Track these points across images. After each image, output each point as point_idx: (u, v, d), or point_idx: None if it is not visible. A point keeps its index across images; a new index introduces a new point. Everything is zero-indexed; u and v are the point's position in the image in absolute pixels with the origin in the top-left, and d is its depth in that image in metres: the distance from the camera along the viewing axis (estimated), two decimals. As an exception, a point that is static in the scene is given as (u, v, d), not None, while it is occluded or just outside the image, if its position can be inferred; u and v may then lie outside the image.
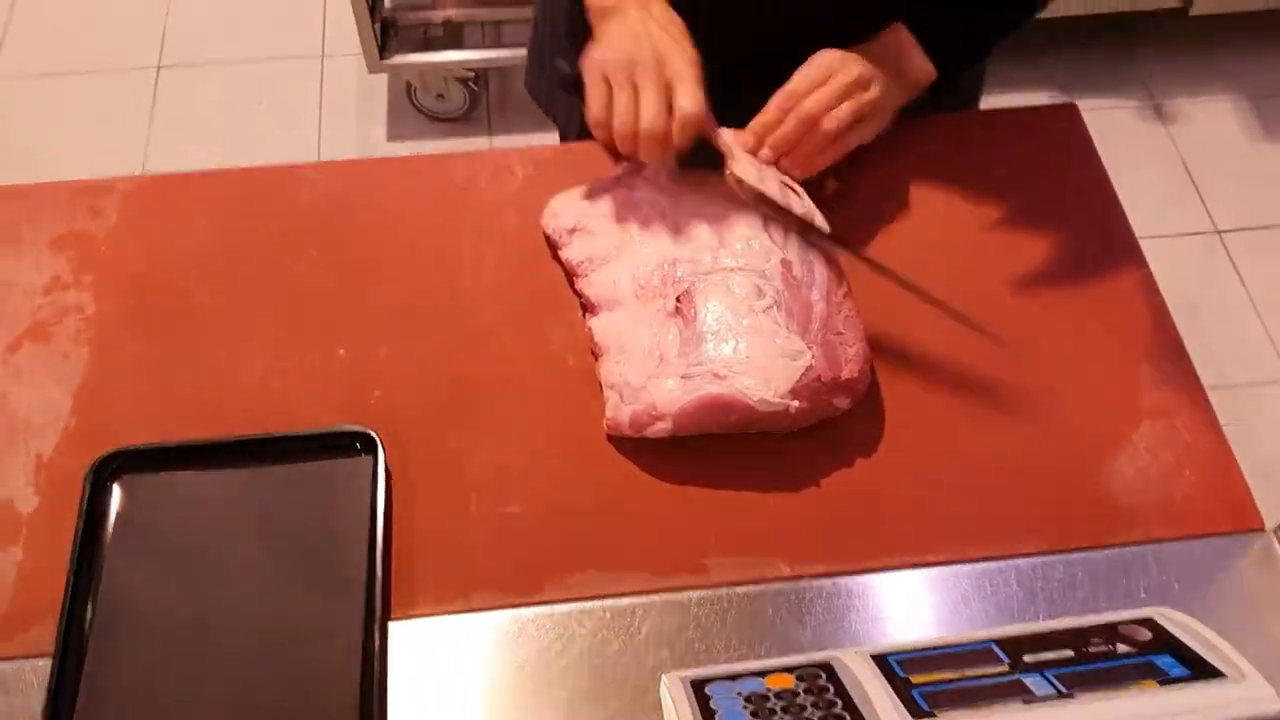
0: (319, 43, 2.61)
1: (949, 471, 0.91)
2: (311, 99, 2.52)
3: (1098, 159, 1.09)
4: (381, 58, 2.29)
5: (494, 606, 0.85)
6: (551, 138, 2.30)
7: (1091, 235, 1.04)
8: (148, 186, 1.09)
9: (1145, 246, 1.04)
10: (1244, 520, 0.89)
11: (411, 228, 1.05)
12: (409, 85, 2.43)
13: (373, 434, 0.90)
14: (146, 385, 0.96)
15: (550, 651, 0.83)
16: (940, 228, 1.05)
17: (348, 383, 0.95)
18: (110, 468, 0.89)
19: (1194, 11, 2.39)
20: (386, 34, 2.33)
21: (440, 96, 2.42)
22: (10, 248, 1.04)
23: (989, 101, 2.27)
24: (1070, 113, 1.13)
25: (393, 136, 2.46)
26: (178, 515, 0.89)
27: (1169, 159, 2.38)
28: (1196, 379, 0.96)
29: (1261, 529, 0.88)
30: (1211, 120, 2.45)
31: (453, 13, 2.40)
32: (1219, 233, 2.27)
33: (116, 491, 0.89)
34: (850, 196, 1.06)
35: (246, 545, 0.87)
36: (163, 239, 1.04)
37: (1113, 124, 2.38)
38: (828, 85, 0.99)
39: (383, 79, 2.50)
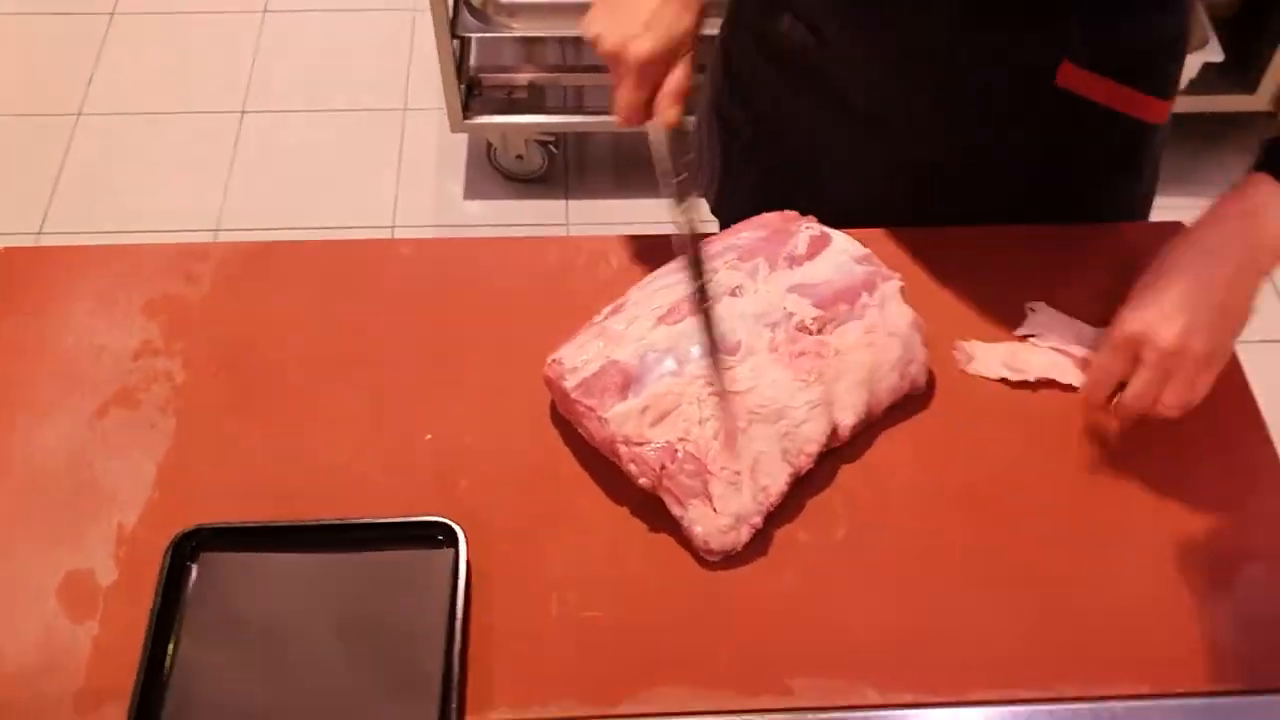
0: (403, 97, 2.63)
1: (1043, 605, 0.88)
2: (391, 152, 2.54)
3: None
4: (465, 117, 2.30)
5: (573, 716, 0.83)
6: (624, 206, 2.30)
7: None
8: (243, 253, 1.09)
9: (1245, 351, 1.00)
10: (1355, 676, 0.85)
11: (504, 311, 1.04)
12: (489, 145, 2.44)
13: (455, 526, 0.88)
14: (231, 460, 0.95)
15: (627, 768, 0.81)
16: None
17: (432, 470, 0.94)
18: (190, 545, 0.88)
19: (1285, 113, 2.36)
20: (471, 93, 2.34)
21: (519, 157, 2.43)
22: (104, 309, 1.04)
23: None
24: (1177, 230, 1.11)
25: (470, 194, 2.47)
26: (255, 597, 0.87)
27: (1254, 260, 2.33)
28: (1305, 518, 0.93)
29: (1375, 686, 0.85)
30: (1298, 224, 2.40)
31: (536, 75, 2.41)
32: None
33: (195, 570, 0.88)
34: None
35: (323, 633, 0.86)
36: (255, 308, 1.04)
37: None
38: (1144, 368, 0.88)
39: (463, 137, 2.52)
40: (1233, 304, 0.89)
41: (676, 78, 0.97)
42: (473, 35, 2.30)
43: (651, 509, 0.92)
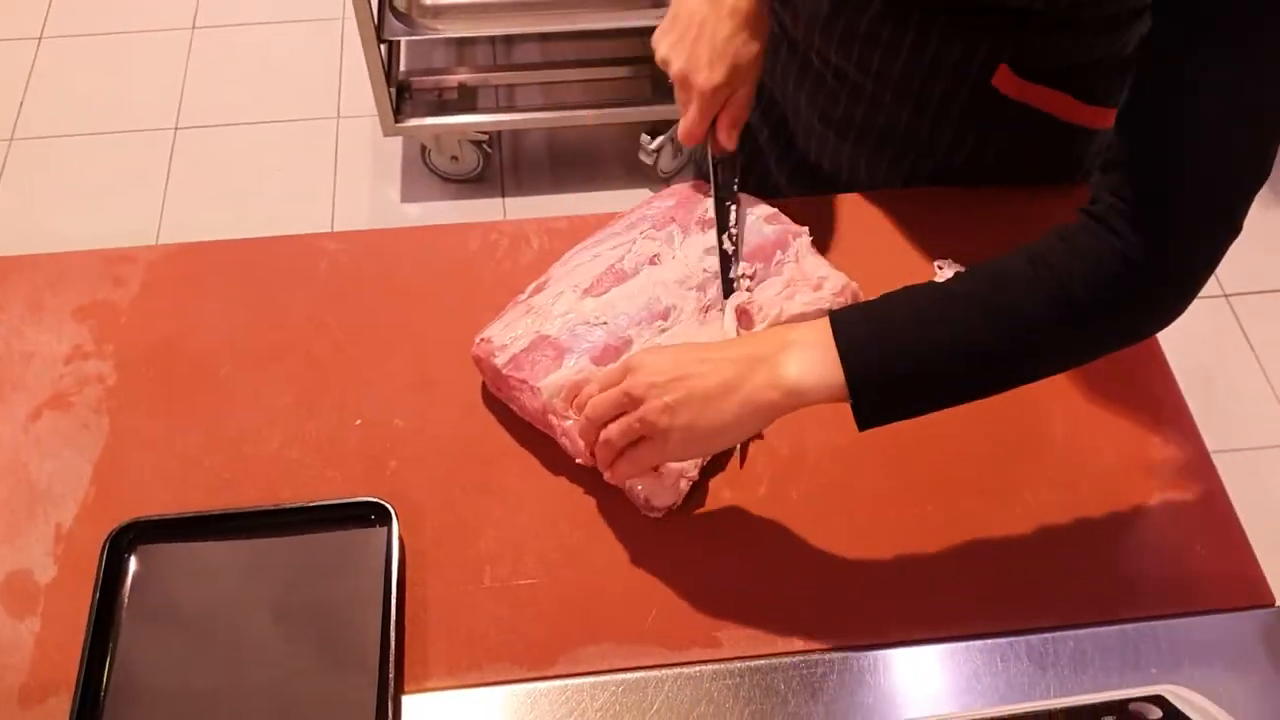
0: (334, 105, 2.64)
1: (959, 547, 0.91)
2: (327, 160, 2.55)
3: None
4: (396, 120, 2.32)
5: (507, 680, 0.85)
6: (561, 201, 2.32)
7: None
8: (170, 256, 1.11)
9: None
10: (1255, 596, 0.89)
11: (429, 297, 1.07)
12: (423, 147, 2.46)
13: (387, 505, 0.90)
14: (165, 455, 0.97)
15: (563, 726, 0.83)
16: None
17: (364, 454, 0.96)
18: (127, 538, 0.90)
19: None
20: (401, 97, 2.35)
21: (454, 158, 2.44)
22: (33, 316, 1.05)
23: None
24: (1075, 189, 1.15)
25: (407, 198, 2.48)
26: (193, 586, 0.89)
27: (1176, 222, 2.39)
28: (1206, 452, 0.97)
29: (1273, 604, 0.88)
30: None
31: (467, 77, 2.43)
32: (1226, 296, 2.28)
33: (133, 562, 0.90)
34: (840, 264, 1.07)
35: (261, 616, 0.88)
36: (184, 309, 1.06)
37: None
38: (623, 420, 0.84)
39: (397, 141, 2.53)
40: (718, 419, 0.82)
41: (738, 105, 0.99)
42: (400, 39, 2.31)
43: (578, 479, 0.94)
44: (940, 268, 1.07)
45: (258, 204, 2.48)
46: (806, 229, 1.03)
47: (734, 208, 1.01)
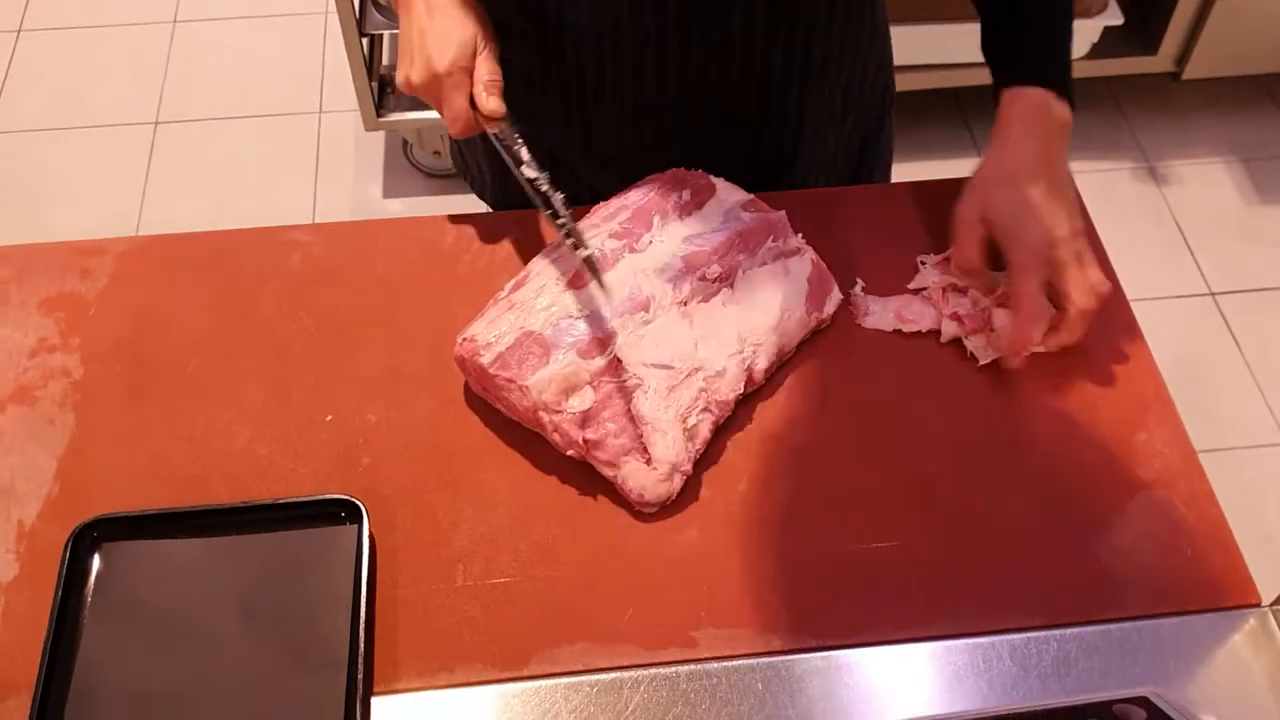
0: (317, 100, 2.62)
1: (941, 546, 0.90)
2: (308, 155, 2.53)
3: (1089, 223, 1.09)
4: (378, 115, 2.30)
5: (479, 681, 0.83)
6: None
7: (1085, 304, 1.04)
8: (140, 248, 1.09)
9: (1139, 309, 1.03)
10: (1241, 595, 0.87)
11: (402, 292, 1.05)
12: (405, 142, 2.44)
13: (358, 503, 0.89)
14: (132, 451, 0.95)
15: (536, 728, 0.82)
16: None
17: (335, 449, 0.95)
18: (90, 535, 0.88)
19: (1185, 75, 2.41)
20: (383, 91, 2.34)
21: (436, 153, 2.42)
22: (-1, 309, 1.03)
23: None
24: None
25: (389, 193, 2.47)
26: (159, 584, 0.87)
27: (1163, 221, 2.38)
28: (1192, 450, 0.95)
29: (1259, 604, 0.87)
30: (1205, 182, 2.46)
31: (450, 71, 2.42)
32: (1213, 294, 2.27)
33: (96, 560, 0.88)
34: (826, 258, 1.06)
35: (228, 616, 0.86)
36: (153, 302, 1.04)
37: (1107, 186, 2.38)
38: (1053, 276, 0.98)
39: (379, 136, 2.51)
40: (1070, 193, 1.00)
41: (480, 72, 0.99)
42: (382, 32, 2.29)
43: (554, 476, 0.93)
44: (923, 263, 1.05)
45: (238, 199, 2.46)
46: (783, 213, 1.02)
47: (522, 149, 0.99)
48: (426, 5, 0.99)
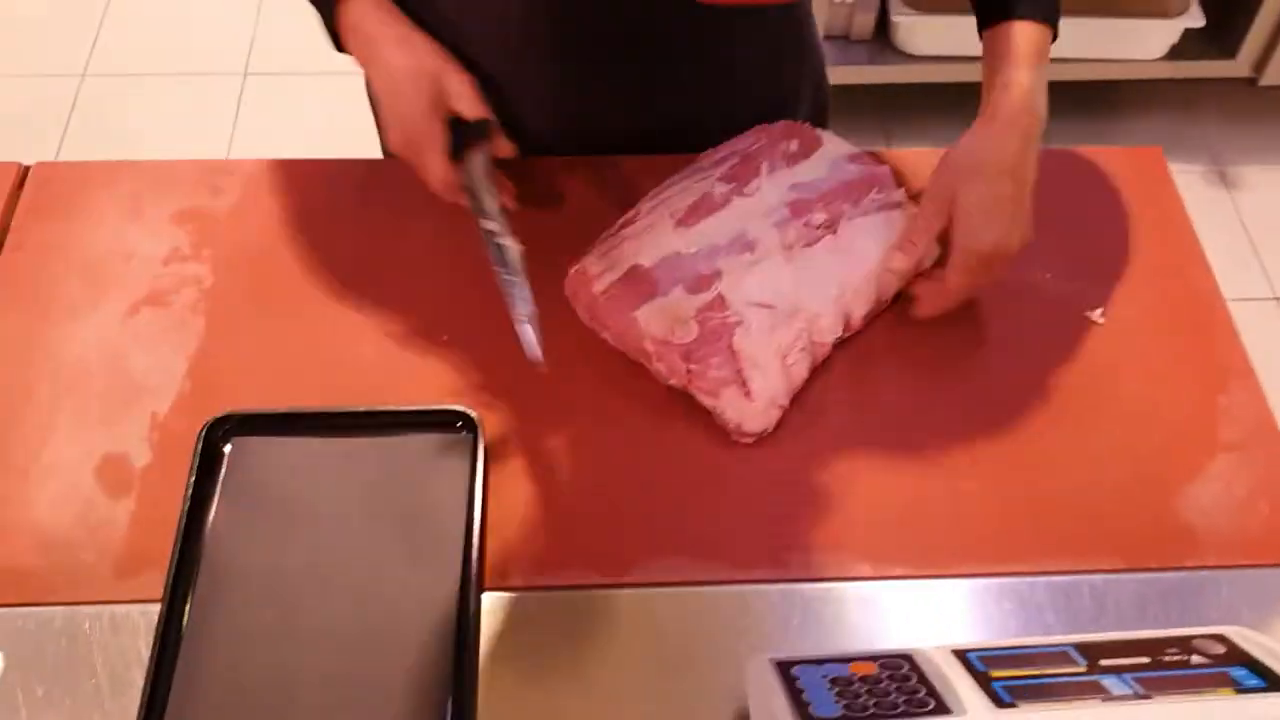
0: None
1: (1031, 488, 0.94)
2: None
3: (1179, 201, 1.12)
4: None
5: (582, 584, 0.88)
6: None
7: (1172, 275, 1.07)
8: (268, 170, 1.14)
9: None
10: (1314, 553, 0.91)
11: (518, 225, 1.09)
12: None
13: (473, 414, 0.93)
14: (258, 356, 1.00)
15: (632, 631, 0.86)
16: (1025, 260, 1.08)
17: (452, 365, 0.99)
18: (222, 429, 0.93)
19: (1262, 82, 2.42)
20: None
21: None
22: (134, 219, 1.09)
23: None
24: (1154, 156, 1.17)
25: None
26: (284, 477, 0.92)
27: (1230, 225, 2.40)
28: (1271, 417, 0.98)
29: (1332, 562, 0.90)
30: (1275, 189, 2.47)
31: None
32: (1277, 299, 2.29)
33: (226, 452, 0.93)
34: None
35: (350, 510, 0.91)
36: (282, 220, 1.09)
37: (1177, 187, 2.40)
38: (986, 276, 0.99)
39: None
40: (1029, 202, 0.98)
41: (458, 95, 1.01)
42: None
43: (660, 407, 0.97)
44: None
45: (326, 151, 2.51)
46: (888, 166, 1.06)
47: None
48: (376, 60, 1.01)
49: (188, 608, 0.86)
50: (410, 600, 0.86)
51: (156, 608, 0.85)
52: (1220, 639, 0.80)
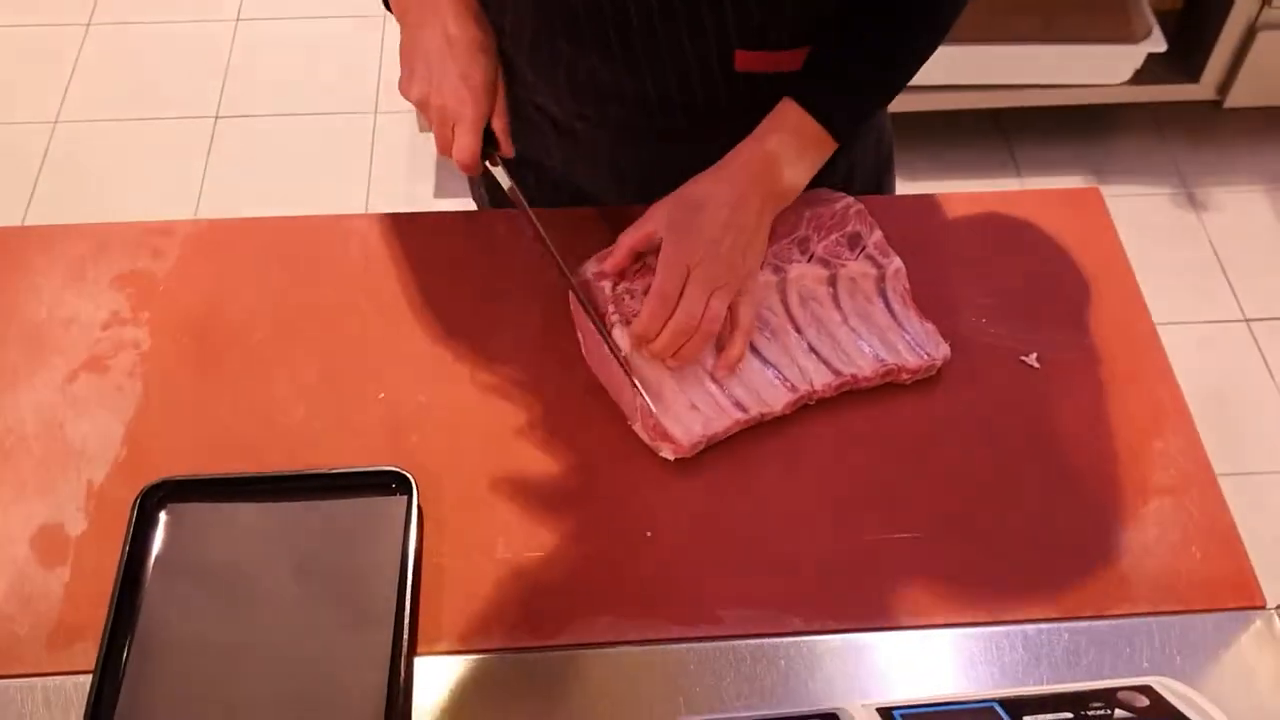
0: (372, 100, 2.69)
1: (961, 537, 0.94)
2: (363, 154, 2.60)
3: (1118, 242, 1.13)
4: (432, 117, 2.36)
5: (514, 647, 0.88)
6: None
7: (1108, 317, 1.08)
8: (207, 230, 1.14)
9: (1174, 332, 1.07)
10: (1247, 598, 0.91)
11: (454, 281, 1.10)
12: (457, 144, 2.50)
13: (408, 475, 0.94)
14: (195, 420, 1.00)
15: (565, 693, 0.86)
16: (959, 303, 1.08)
17: (386, 426, 1.00)
18: (156, 496, 0.94)
19: (1228, 104, 2.43)
20: (437, 94, 2.39)
21: (486, 157, 2.48)
22: (75, 284, 1.09)
23: (1026, 183, 2.32)
24: (1092, 196, 1.17)
25: (439, 192, 2.53)
26: (219, 544, 0.92)
27: (1200, 247, 2.41)
28: (1206, 461, 0.98)
29: (1263, 607, 0.90)
30: (1243, 210, 2.48)
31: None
32: (1247, 321, 2.29)
33: (162, 519, 0.93)
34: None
35: (283, 576, 0.91)
36: (218, 281, 1.10)
37: (1145, 210, 2.41)
38: (693, 284, 0.96)
39: (431, 137, 2.57)
40: (756, 241, 1.00)
41: (500, 112, 1.05)
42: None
43: (593, 459, 0.98)
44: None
45: (293, 195, 2.53)
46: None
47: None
48: (445, 35, 1.03)
49: (121, 679, 0.86)
50: (344, 667, 0.86)
51: (89, 679, 0.85)
52: (1146, 691, 0.80)
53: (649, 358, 0.99)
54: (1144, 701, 0.79)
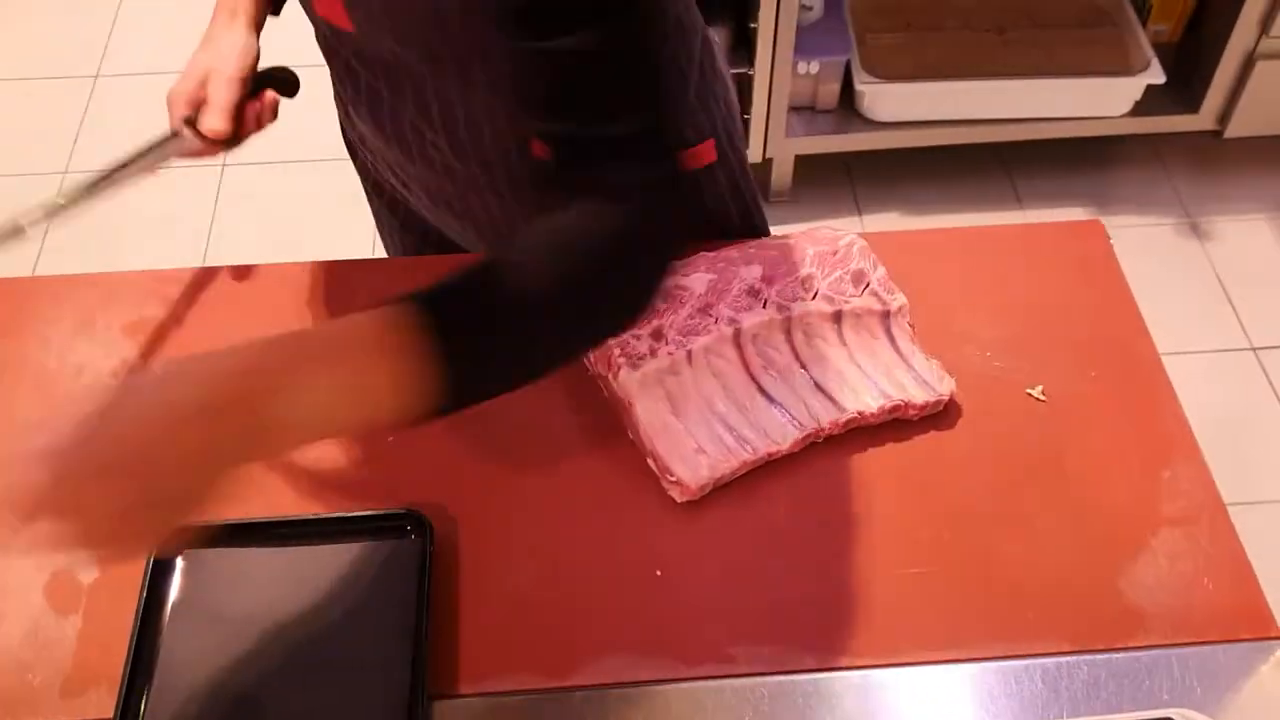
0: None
1: (977, 572, 0.94)
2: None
3: (1121, 275, 1.13)
4: (436, 161, 2.37)
5: (529, 689, 0.88)
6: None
7: (1114, 348, 1.08)
8: (215, 278, 1.15)
9: (1181, 362, 1.07)
10: (1262, 628, 0.90)
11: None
12: (461, 188, 2.51)
13: (424, 516, 0.94)
14: (207, 465, 1.00)
15: (583, 733, 0.86)
16: (964, 338, 1.09)
17: (399, 467, 1.00)
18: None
19: (1228, 134, 2.44)
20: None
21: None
22: (84, 332, 1.10)
23: (1029, 216, 2.32)
24: (1095, 229, 1.18)
25: (444, 237, 2.54)
26: (234, 589, 0.93)
27: (1205, 276, 2.41)
28: (1215, 490, 0.98)
29: (1277, 637, 0.90)
30: (1246, 238, 2.48)
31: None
32: (1254, 349, 2.29)
33: (179, 565, 0.93)
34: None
35: (299, 619, 0.91)
36: (226, 327, 1.10)
37: (1149, 240, 2.42)
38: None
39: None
40: (195, 489, 0.69)
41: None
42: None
43: (607, 500, 0.98)
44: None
45: (299, 240, 2.54)
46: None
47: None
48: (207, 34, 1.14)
49: (138, 724, 0.86)
50: (361, 711, 0.86)
51: (104, 727, 0.85)
52: (1165, 722, 0.80)
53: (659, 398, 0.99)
54: (1164, 733, 0.79)
